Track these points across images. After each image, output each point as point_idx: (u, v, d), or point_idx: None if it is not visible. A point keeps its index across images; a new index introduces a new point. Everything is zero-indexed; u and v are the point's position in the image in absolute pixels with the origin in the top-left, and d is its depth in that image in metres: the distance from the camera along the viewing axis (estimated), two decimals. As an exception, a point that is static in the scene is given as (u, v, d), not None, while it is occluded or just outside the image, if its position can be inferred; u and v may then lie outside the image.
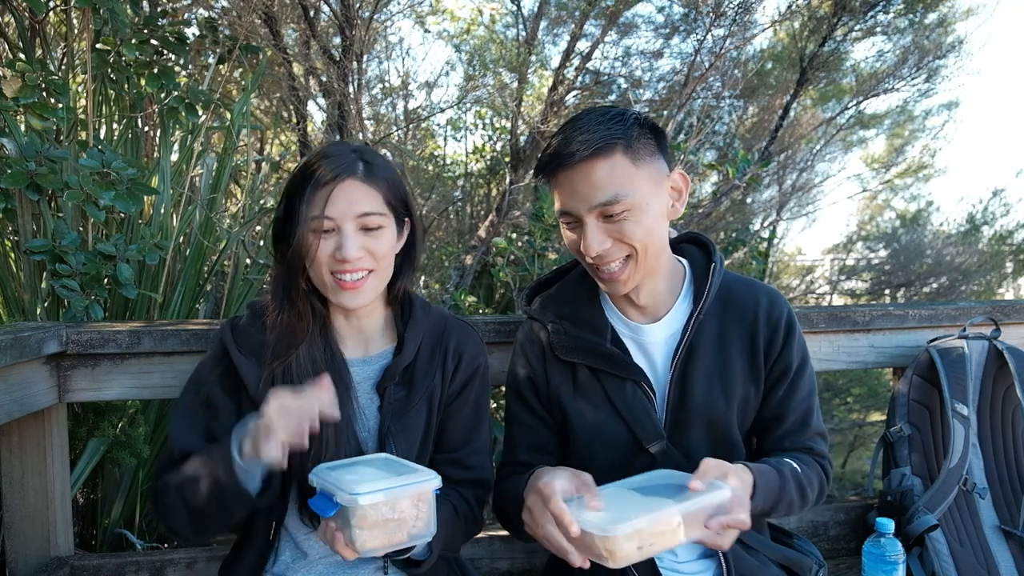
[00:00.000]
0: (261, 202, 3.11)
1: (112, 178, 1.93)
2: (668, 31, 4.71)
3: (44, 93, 1.98)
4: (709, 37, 3.89)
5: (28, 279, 2.04)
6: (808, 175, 6.31)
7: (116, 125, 2.48)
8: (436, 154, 5.37)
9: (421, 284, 4.50)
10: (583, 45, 4.33)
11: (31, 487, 1.59)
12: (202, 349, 1.55)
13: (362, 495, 0.96)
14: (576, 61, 4.34)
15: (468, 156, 5.19)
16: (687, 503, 1.02)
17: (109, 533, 2.21)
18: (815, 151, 6.07)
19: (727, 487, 1.06)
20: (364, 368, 1.30)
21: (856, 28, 4.59)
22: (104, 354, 1.59)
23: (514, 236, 3.59)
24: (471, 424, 1.34)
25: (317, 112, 4.45)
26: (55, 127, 2.10)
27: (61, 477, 1.63)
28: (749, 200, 5.80)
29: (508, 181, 4.20)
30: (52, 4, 2.45)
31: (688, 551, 1.32)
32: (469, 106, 4.79)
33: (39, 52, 2.40)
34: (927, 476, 1.76)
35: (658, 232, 1.24)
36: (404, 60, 6.26)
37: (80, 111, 2.25)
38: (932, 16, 4.95)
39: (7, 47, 2.66)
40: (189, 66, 2.85)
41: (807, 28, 4.63)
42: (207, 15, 3.06)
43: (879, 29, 4.73)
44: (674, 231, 1.43)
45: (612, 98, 4.62)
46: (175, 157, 2.54)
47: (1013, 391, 1.75)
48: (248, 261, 2.62)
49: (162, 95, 2.37)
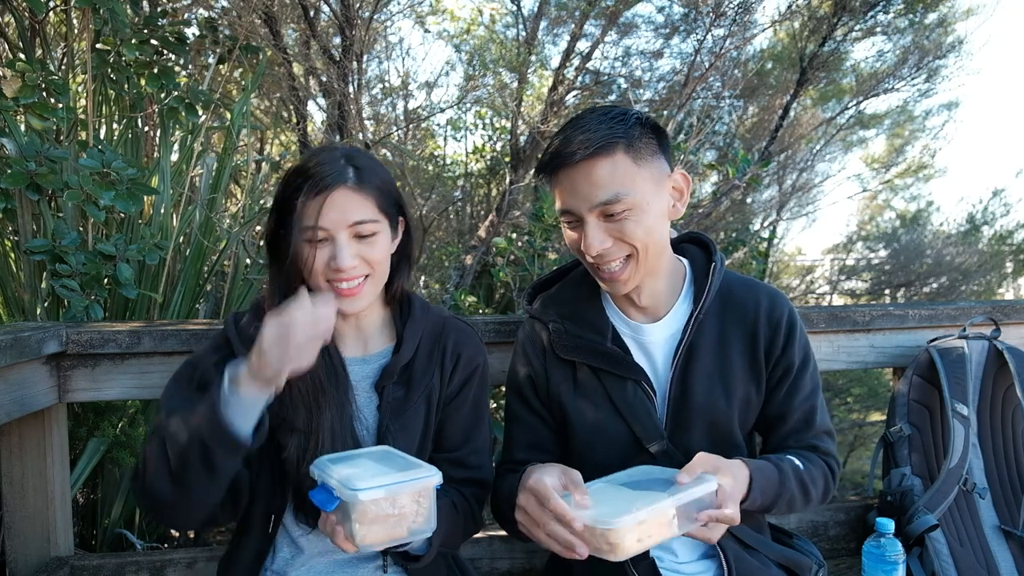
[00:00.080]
0: (261, 202, 3.11)
1: (112, 178, 1.93)
2: (668, 31, 4.71)
3: (44, 93, 1.98)
4: (709, 37, 3.89)
5: (28, 279, 2.04)
6: (808, 175, 6.32)
7: (116, 125, 2.48)
8: (436, 154, 5.37)
9: (421, 284, 4.50)
10: (583, 45, 4.33)
11: (31, 487, 1.59)
12: (202, 349, 1.54)
13: (362, 491, 0.96)
14: (576, 61, 4.34)
15: (468, 156, 5.19)
16: (679, 495, 1.04)
17: (109, 533, 2.21)
18: (815, 151, 6.07)
19: (712, 479, 1.07)
20: (363, 367, 1.30)
21: (856, 28, 4.59)
22: (104, 354, 1.59)
23: (514, 236, 3.59)
24: (470, 423, 1.34)
25: (317, 112, 4.45)
26: (55, 127, 2.10)
27: (61, 477, 1.63)
28: (749, 200, 5.80)
29: (508, 181, 4.19)
30: (52, 4, 2.45)
31: (688, 551, 1.32)
32: (469, 106, 4.79)
33: (39, 52, 2.40)
34: (927, 476, 1.76)
35: (659, 232, 1.24)
36: (404, 60, 6.28)
37: (80, 111, 2.25)
38: (932, 16, 4.95)
39: (7, 47, 2.66)
40: (189, 66, 2.85)
41: (807, 28, 4.63)
42: (207, 15, 3.06)
43: (879, 29, 4.73)
44: (674, 231, 1.43)
45: (612, 98, 4.62)
46: (175, 157, 2.54)
47: (1013, 391, 1.75)
48: (248, 261, 2.62)
49: (162, 95, 2.37)
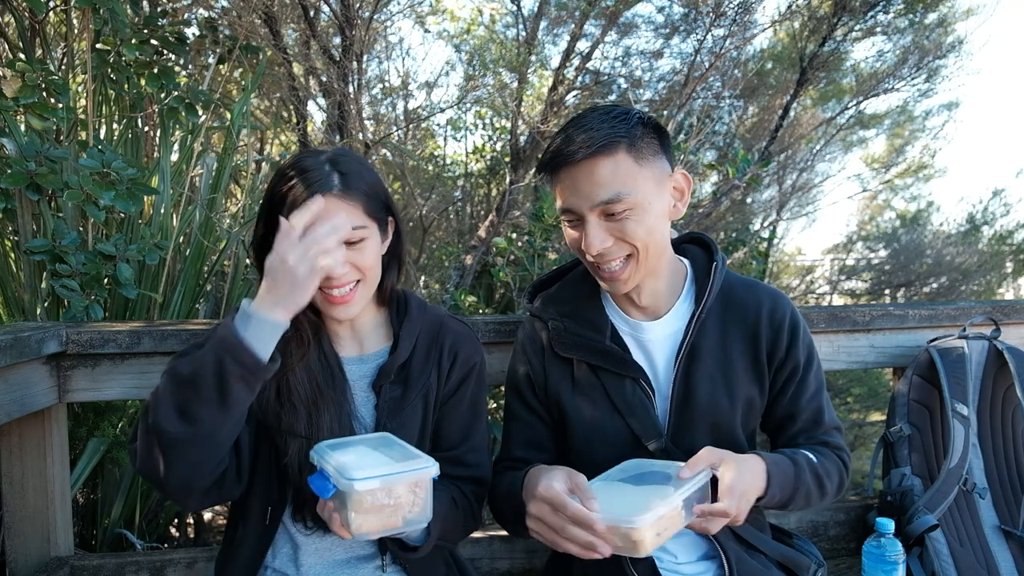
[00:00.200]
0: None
1: (112, 178, 1.93)
2: (668, 31, 4.70)
3: (44, 93, 1.98)
4: (709, 37, 3.89)
5: (28, 279, 2.04)
6: (808, 175, 6.32)
7: (116, 125, 2.48)
8: (436, 154, 5.37)
9: (421, 284, 4.50)
10: (583, 45, 4.33)
11: (31, 487, 1.59)
12: (202, 349, 1.54)
13: (358, 481, 0.96)
14: (576, 61, 4.34)
15: (468, 156, 5.19)
16: (684, 488, 1.05)
17: (109, 533, 2.21)
18: (815, 151, 6.07)
19: (708, 470, 1.09)
20: (360, 367, 1.30)
21: (856, 28, 4.58)
22: (104, 354, 1.59)
23: (514, 236, 3.59)
24: (468, 422, 1.34)
25: (317, 112, 4.45)
26: (55, 127, 2.10)
27: (61, 477, 1.63)
28: (749, 200, 5.80)
29: (508, 181, 4.19)
30: (52, 4, 2.45)
31: (688, 552, 1.32)
32: (469, 106, 4.79)
33: (39, 52, 2.40)
34: (927, 476, 1.76)
35: (660, 232, 1.24)
36: (404, 60, 6.28)
37: (80, 111, 2.25)
38: (932, 16, 4.95)
39: (7, 47, 2.66)
40: (189, 66, 2.85)
41: (807, 28, 4.63)
42: (207, 15, 3.06)
43: (879, 29, 4.73)
44: (674, 231, 1.43)
45: (612, 98, 4.62)
46: (175, 157, 2.54)
47: (1013, 391, 1.75)
48: (248, 261, 2.62)
49: (162, 95, 2.37)
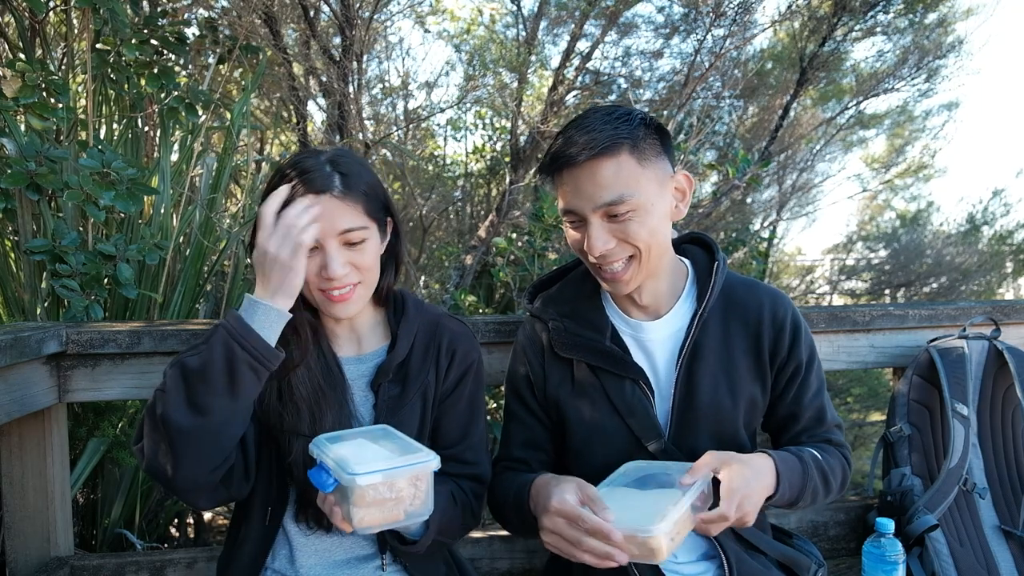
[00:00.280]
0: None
1: (112, 178, 1.93)
2: (668, 31, 4.70)
3: (44, 93, 1.98)
4: (709, 37, 3.89)
5: (28, 279, 2.04)
6: (808, 175, 6.31)
7: (116, 125, 2.48)
8: (436, 154, 5.37)
9: (421, 284, 4.50)
10: (583, 45, 4.33)
11: (31, 487, 1.59)
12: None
13: (360, 475, 0.96)
14: (576, 61, 4.34)
15: (468, 156, 5.18)
16: (692, 491, 1.06)
17: (109, 533, 2.21)
18: (815, 151, 6.07)
19: (708, 473, 1.10)
20: (358, 366, 1.30)
21: (856, 28, 4.58)
22: (104, 354, 1.59)
23: (514, 236, 3.59)
24: (466, 420, 1.34)
25: (317, 112, 4.45)
26: (55, 127, 2.10)
27: (61, 477, 1.63)
28: (749, 200, 5.80)
29: (508, 181, 4.19)
30: (52, 4, 2.45)
31: (688, 552, 1.32)
32: (469, 106, 4.78)
33: (39, 52, 2.40)
34: (927, 476, 1.76)
35: (662, 233, 1.24)
36: (404, 60, 6.27)
37: (80, 111, 2.24)
38: (932, 16, 4.95)
39: (7, 47, 2.66)
40: (189, 66, 2.85)
41: (807, 28, 4.62)
42: (207, 15, 3.06)
43: (879, 29, 4.72)
44: (674, 231, 1.43)
45: (612, 98, 4.61)
46: (175, 157, 2.54)
47: (1013, 391, 1.75)
48: (248, 261, 2.62)
49: (162, 95, 2.37)
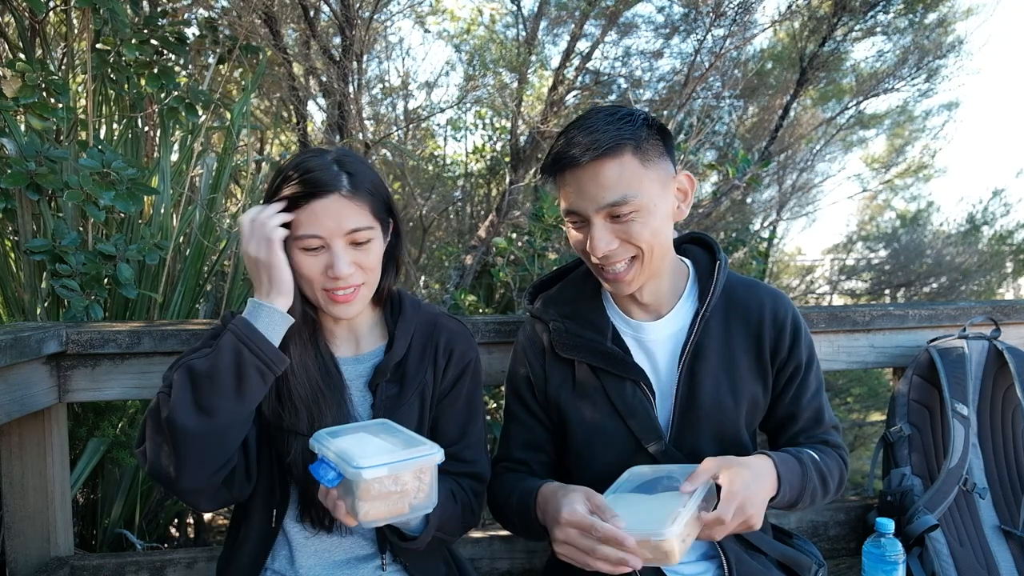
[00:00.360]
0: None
1: (112, 178, 1.93)
2: (668, 31, 4.70)
3: (44, 93, 1.98)
4: (709, 37, 3.89)
5: (28, 279, 2.04)
6: (808, 175, 6.31)
7: (116, 125, 2.48)
8: (436, 154, 5.36)
9: (421, 284, 4.50)
10: (583, 45, 4.32)
11: (31, 487, 1.59)
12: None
13: (366, 469, 0.96)
14: (576, 61, 4.33)
15: (468, 156, 5.18)
16: (697, 494, 1.07)
17: (109, 533, 2.21)
18: (815, 151, 6.07)
19: (708, 479, 1.11)
20: (356, 367, 1.30)
21: (856, 28, 4.58)
22: (104, 354, 1.59)
23: (514, 236, 3.59)
24: (464, 419, 1.34)
25: (317, 112, 4.45)
26: (55, 127, 2.10)
27: (61, 477, 1.63)
28: (749, 200, 5.80)
29: (508, 181, 4.19)
30: (52, 4, 2.45)
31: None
32: (469, 106, 4.78)
33: (39, 52, 2.40)
34: (927, 476, 1.76)
35: (664, 233, 1.24)
36: (404, 60, 6.27)
37: (80, 111, 2.24)
38: (932, 16, 4.94)
39: (7, 47, 2.66)
40: (189, 66, 2.85)
41: (807, 28, 4.62)
42: (207, 15, 3.06)
43: (879, 29, 4.72)
44: (675, 232, 1.43)
45: (612, 98, 4.61)
46: (175, 157, 2.54)
47: (1013, 391, 1.75)
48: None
49: (162, 95, 2.37)
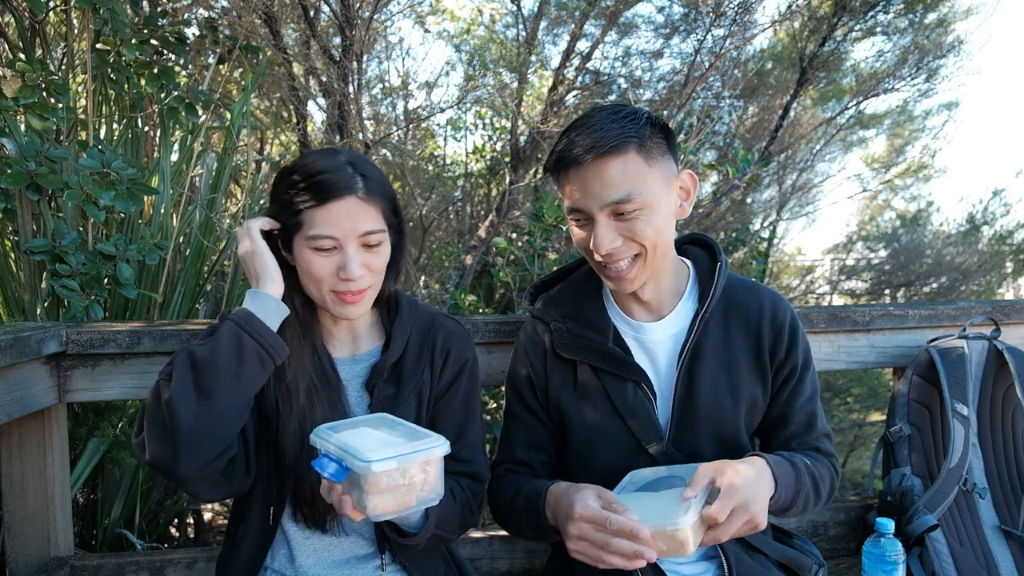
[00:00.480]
0: (261, 202, 3.11)
1: (112, 178, 1.93)
2: (668, 31, 4.70)
3: (44, 93, 1.98)
4: (709, 37, 3.89)
5: (28, 279, 2.04)
6: (808, 175, 6.31)
7: (116, 125, 2.48)
8: (436, 154, 5.36)
9: (421, 284, 4.50)
10: (583, 45, 4.32)
11: (31, 487, 1.59)
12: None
13: (375, 462, 0.95)
14: (576, 61, 4.33)
15: (468, 156, 5.18)
16: (702, 494, 1.08)
17: (109, 533, 2.21)
18: (815, 151, 6.06)
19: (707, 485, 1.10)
20: (353, 367, 1.30)
21: (856, 28, 4.58)
22: (104, 354, 1.59)
23: (514, 236, 3.59)
24: (462, 419, 1.34)
25: (317, 112, 4.45)
26: (55, 127, 2.10)
27: (61, 477, 1.63)
28: (749, 200, 5.80)
29: (508, 181, 4.19)
30: (52, 4, 2.45)
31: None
32: (469, 106, 4.78)
33: (39, 52, 2.40)
34: (927, 476, 1.76)
35: (667, 231, 1.25)
36: (404, 60, 6.27)
37: (80, 111, 2.24)
38: (932, 16, 4.94)
39: (7, 47, 2.66)
40: (189, 66, 2.85)
41: (807, 28, 4.62)
42: (207, 15, 3.06)
43: (879, 29, 4.72)
44: (675, 232, 1.43)
45: (612, 98, 4.61)
46: (175, 157, 2.54)
47: (1013, 391, 1.75)
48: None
49: (162, 95, 2.37)
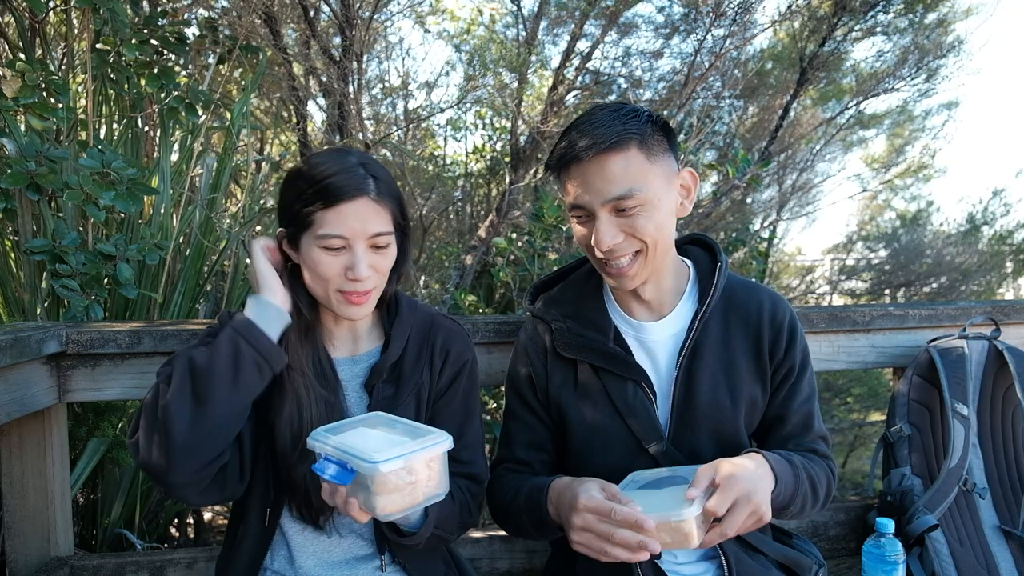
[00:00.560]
0: (261, 202, 3.11)
1: (112, 178, 1.93)
2: (668, 31, 4.70)
3: (44, 93, 1.98)
4: (709, 37, 3.89)
5: (28, 279, 2.04)
6: (808, 175, 6.31)
7: (116, 125, 2.48)
8: (436, 154, 5.36)
9: (421, 284, 4.50)
10: (583, 45, 4.32)
11: (31, 487, 1.59)
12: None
13: (382, 463, 0.94)
14: (576, 61, 4.33)
15: (468, 156, 5.18)
16: (703, 494, 1.08)
17: (109, 533, 2.21)
18: (815, 151, 6.07)
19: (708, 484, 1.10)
20: (352, 367, 1.30)
21: (856, 28, 4.58)
22: (104, 354, 1.59)
23: (514, 236, 3.59)
24: (461, 419, 1.34)
25: (317, 112, 4.45)
26: (55, 127, 2.10)
27: (61, 477, 1.63)
28: (749, 200, 5.80)
29: (508, 181, 4.19)
30: (52, 4, 2.45)
31: (688, 552, 1.32)
32: (469, 106, 4.78)
33: (39, 52, 2.40)
34: (927, 476, 1.76)
35: (668, 228, 1.25)
36: (404, 60, 6.27)
37: (80, 111, 2.24)
38: (932, 16, 4.94)
39: (7, 47, 2.66)
40: (189, 66, 2.85)
41: (807, 28, 4.62)
42: (207, 15, 3.06)
43: (879, 29, 4.72)
44: (676, 232, 1.43)
45: (612, 98, 4.61)
46: (175, 157, 2.54)
47: (1013, 391, 1.75)
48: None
49: (162, 95, 2.37)
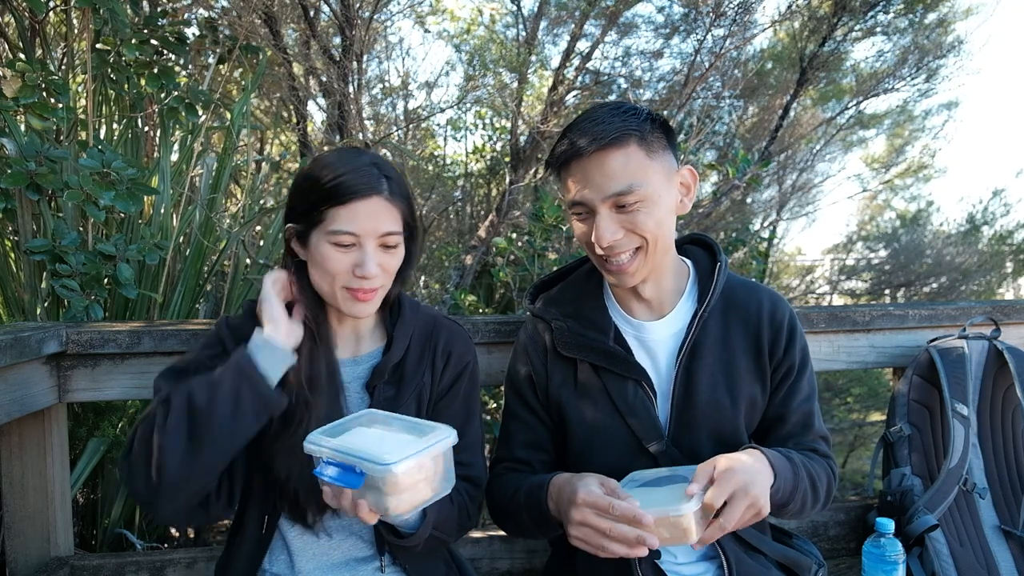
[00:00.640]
0: (261, 202, 3.11)
1: (112, 178, 1.93)
2: (668, 31, 4.70)
3: (44, 93, 1.98)
4: (709, 37, 3.89)
5: (28, 279, 2.04)
6: (808, 175, 6.31)
7: (116, 125, 2.48)
8: (436, 154, 5.36)
9: (421, 284, 4.50)
10: (583, 45, 4.32)
11: (31, 487, 1.59)
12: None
13: (395, 464, 0.93)
14: (576, 61, 4.33)
15: (468, 156, 5.18)
16: (701, 493, 1.08)
17: (109, 533, 2.21)
18: (815, 151, 6.07)
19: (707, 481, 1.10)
20: (354, 368, 1.30)
21: (856, 28, 4.58)
22: (104, 354, 1.59)
23: (514, 236, 3.59)
24: (461, 420, 1.34)
25: (317, 112, 4.45)
26: (55, 127, 2.10)
27: (61, 477, 1.63)
28: (749, 200, 5.80)
29: (508, 181, 4.19)
30: (52, 4, 2.45)
31: (688, 551, 1.32)
32: (469, 106, 4.78)
33: (39, 52, 2.40)
34: (927, 476, 1.76)
35: (668, 226, 1.25)
36: (404, 60, 6.27)
37: (80, 111, 2.25)
38: (932, 16, 4.94)
39: (7, 47, 2.66)
40: (189, 66, 2.85)
41: (807, 28, 4.62)
42: (207, 15, 3.06)
43: (879, 29, 4.72)
44: (675, 230, 1.43)
45: (612, 98, 4.61)
46: (175, 157, 2.54)
47: (1013, 391, 1.75)
48: (248, 261, 2.62)
49: (162, 95, 2.37)
